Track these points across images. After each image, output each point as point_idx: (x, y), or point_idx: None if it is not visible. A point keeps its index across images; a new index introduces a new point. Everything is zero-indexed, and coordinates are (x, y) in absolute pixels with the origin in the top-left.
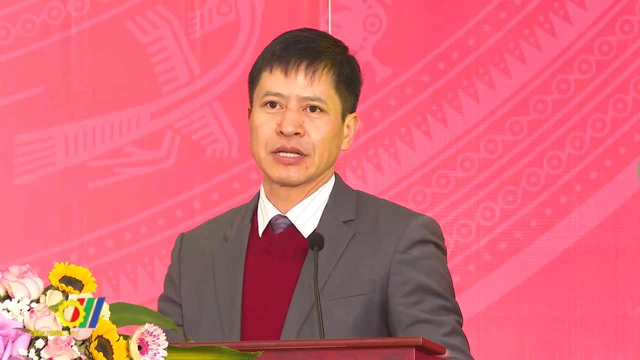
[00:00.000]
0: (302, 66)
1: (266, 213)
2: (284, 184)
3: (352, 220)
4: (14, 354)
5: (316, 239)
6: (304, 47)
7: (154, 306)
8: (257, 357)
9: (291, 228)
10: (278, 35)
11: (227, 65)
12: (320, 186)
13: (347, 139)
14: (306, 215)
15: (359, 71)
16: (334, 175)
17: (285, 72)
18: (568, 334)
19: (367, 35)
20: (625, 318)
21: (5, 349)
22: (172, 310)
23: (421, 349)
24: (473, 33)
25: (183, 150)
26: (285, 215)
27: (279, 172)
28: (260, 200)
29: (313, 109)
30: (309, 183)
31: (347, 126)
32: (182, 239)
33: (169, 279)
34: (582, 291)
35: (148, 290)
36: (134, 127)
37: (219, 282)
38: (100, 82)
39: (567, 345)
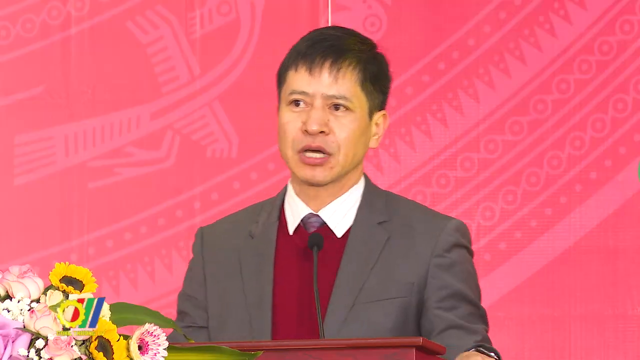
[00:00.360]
0: (327, 64)
1: (297, 211)
2: (311, 184)
3: (386, 221)
4: (14, 354)
5: (315, 239)
6: (328, 45)
7: (154, 306)
8: (257, 357)
9: (324, 227)
10: (278, 35)
11: (227, 65)
12: (350, 186)
13: (375, 137)
14: (339, 215)
15: (388, 69)
16: (363, 176)
17: (310, 71)
18: (568, 334)
19: (367, 35)
20: (625, 318)
21: (5, 349)
22: (193, 311)
23: (421, 349)
24: (473, 33)
25: (183, 150)
26: (318, 214)
27: (304, 172)
28: (288, 197)
29: (338, 107)
30: (337, 182)
31: (376, 124)
32: (202, 233)
33: (191, 275)
34: (582, 291)
35: (148, 290)
36: (134, 127)
37: (247, 279)
38: (100, 82)
39: (567, 345)
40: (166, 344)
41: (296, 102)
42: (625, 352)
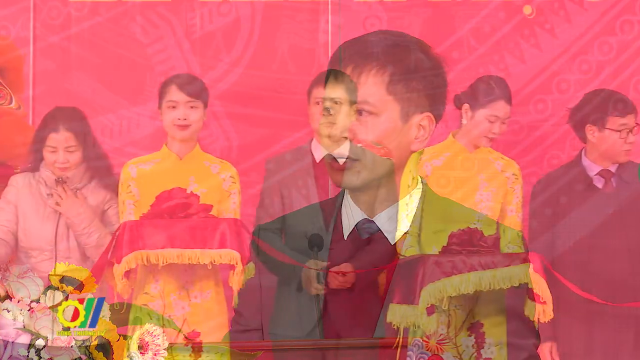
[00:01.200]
0: (349, 70)
1: (352, 216)
2: (343, 188)
3: (441, 230)
4: (14, 354)
5: (316, 239)
6: (355, 51)
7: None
8: (257, 357)
9: (378, 234)
10: (278, 35)
11: (227, 65)
12: (405, 192)
13: (417, 140)
14: (393, 222)
15: (432, 70)
16: (419, 182)
17: (336, 77)
18: (569, 333)
19: None
20: (625, 318)
21: (5, 349)
22: (248, 313)
23: None
24: (473, 33)
25: (183, 150)
26: (373, 220)
27: (334, 177)
28: (345, 200)
29: (361, 112)
30: (382, 187)
31: (420, 126)
32: (259, 231)
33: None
34: (581, 291)
35: None
36: (134, 127)
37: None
38: (100, 82)
39: (567, 344)
40: (166, 344)
41: (326, 109)
42: (625, 351)
